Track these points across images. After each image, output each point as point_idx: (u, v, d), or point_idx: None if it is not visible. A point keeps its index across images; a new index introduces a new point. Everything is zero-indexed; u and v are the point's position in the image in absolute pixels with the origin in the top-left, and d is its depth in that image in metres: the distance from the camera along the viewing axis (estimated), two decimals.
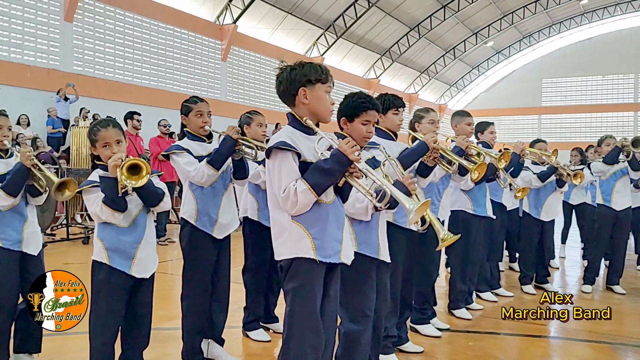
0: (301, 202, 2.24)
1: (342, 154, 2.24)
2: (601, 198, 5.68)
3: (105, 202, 2.59)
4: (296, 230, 2.31)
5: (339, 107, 2.84)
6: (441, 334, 4.15)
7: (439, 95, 32.55)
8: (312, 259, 2.29)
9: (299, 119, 2.40)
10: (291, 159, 2.30)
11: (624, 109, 30.04)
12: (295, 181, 2.26)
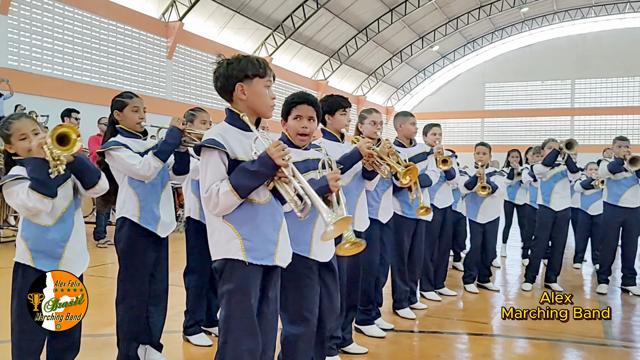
0: (223, 203, 2.16)
1: (269, 158, 2.15)
2: (541, 199, 5.85)
3: (34, 186, 2.38)
4: (226, 230, 2.22)
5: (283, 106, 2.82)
6: (385, 334, 4.14)
7: (387, 97, 32.99)
8: (242, 260, 2.20)
9: (237, 115, 2.30)
10: (217, 158, 2.21)
11: (561, 113, 31.30)
12: (220, 181, 2.18)
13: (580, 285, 6.35)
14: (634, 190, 5.63)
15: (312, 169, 2.83)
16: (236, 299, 2.21)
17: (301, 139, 2.79)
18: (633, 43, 29.29)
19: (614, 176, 5.62)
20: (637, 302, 5.44)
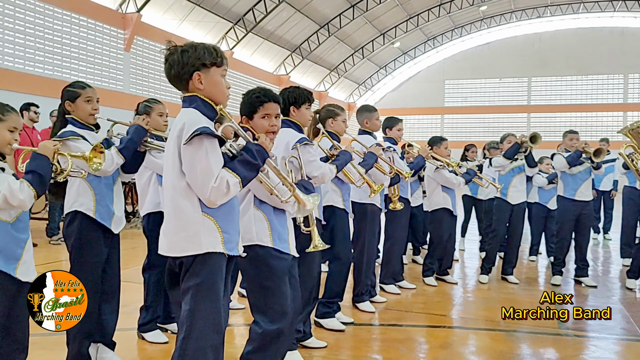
0: (232, 193, 2.15)
1: (264, 150, 2.21)
2: (499, 192, 5.95)
3: (33, 181, 2.33)
4: (207, 224, 2.17)
5: (240, 106, 2.76)
6: (345, 328, 4.14)
7: (348, 93, 33.10)
8: (220, 253, 2.18)
9: (210, 105, 2.24)
10: (218, 147, 2.16)
11: (518, 110, 32.06)
12: (224, 172, 2.14)
13: (535, 277, 6.49)
14: (588, 183, 5.79)
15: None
16: (204, 293, 2.15)
17: (270, 137, 2.75)
18: (586, 43, 30.22)
19: (570, 170, 5.74)
20: (590, 293, 5.59)
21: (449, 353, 3.72)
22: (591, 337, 4.21)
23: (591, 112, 30.50)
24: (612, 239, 9.15)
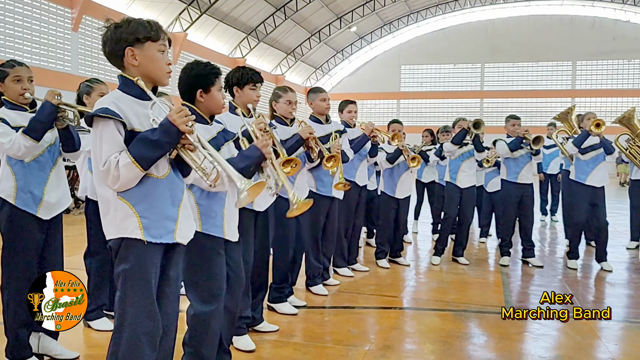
0: (124, 176, 2.00)
1: (171, 125, 2.01)
2: (449, 176, 6.04)
3: None
4: (122, 208, 2.08)
5: (186, 79, 2.65)
6: (297, 312, 4.14)
7: (305, 77, 32.97)
8: (139, 239, 2.07)
9: (131, 81, 2.14)
10: (114, 128, 2.04)
11: (471, 95, 32.67)
12: (118, 153, 2.02)
13: (485, 258, 6.65)
14: (529, 166, 5.95)
15: (222, 143, 2.74)
16: (133, 279, 2.08)
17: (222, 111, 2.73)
18: (537, 30, 30.97)
19: (512, 154, 5.88)
20: (536, 272, 5.77)
21: (399, 334, 3.77)
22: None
23: (541, 98, 31.37)
24: (558, 221, 9.45)
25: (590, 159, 5.76)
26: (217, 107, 2.65)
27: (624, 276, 5.75)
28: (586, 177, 5.76)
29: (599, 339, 3.70)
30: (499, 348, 3.62)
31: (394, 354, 3.38)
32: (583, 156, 5.77)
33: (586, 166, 5.78)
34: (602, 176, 5.78)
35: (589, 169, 5.76)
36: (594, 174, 5.75)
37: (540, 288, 5.24)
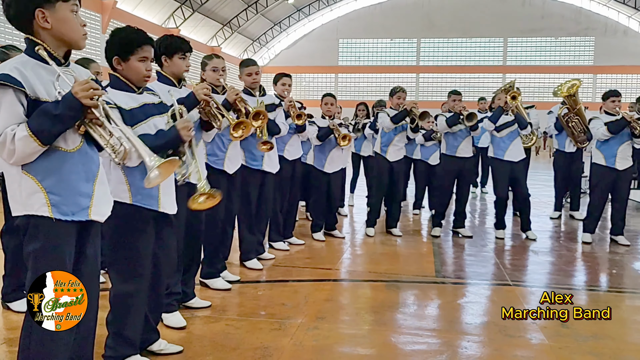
0: (20, 150, 1.86)
1: (74, 98, 1.89)
2: (379, 148, 6.09)
3: None
4: (27, 183, 1.94)
5: (108, 46, 2.52)
6: (231, 287, 4.08)
7: (242, 50, 32.34)
8: (47, 217, 1.95)
9: (35, 43, 1.98)
10: (13, 97, 1.88)
11: (408, 70, 33.11)
12: (17, 125, 1.88)
13: (419, 230, 6.80)
14: (467, 141, 6.09)
15: (154, 114, 2.62)
16: (45, 259, 1.97)
17: (145, 82, 2.58)
18: (471, 6, 31.60)
19: (451, 129, 6.00)
20: (466, 242, 5.95)
21: (332, 305, 3.80)
22: (466, 283, 4.50)
23: (474, 74, 32.21)
24: (488, 192, 9.78)
25: (505, 136, 5.98)
26: (137, 78, 2.52)
27: (547, 244, 6.03)
28: (504, 152, 5.99)
29: (522, 305, 3.86)
30: (429, 316, 3.72)
31: (326, 325, 3.40)
32: (498, 133, 5.98)
33: (502, 142, 6.00)
34: (518, 151, 6.02)
35: (506, 145, 5.98)
36: (511, 149, 5.97)
37: (469, 257, 5.43)
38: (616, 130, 5.59)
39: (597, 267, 5.17)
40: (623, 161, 5.69)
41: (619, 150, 5.67)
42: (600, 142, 5.79)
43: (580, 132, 6.98)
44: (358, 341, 3.19)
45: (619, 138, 5.64)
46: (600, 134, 5.69)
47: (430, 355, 3.02)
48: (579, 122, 6.90)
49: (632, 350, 3.13)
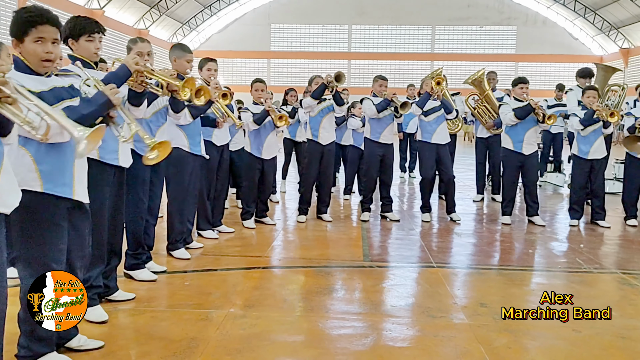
0: None
1: None
2: (310, 133, 6.11)
3: None
4: None
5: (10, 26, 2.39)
6: (157, 277, 3.99)
7: (171, 33, 31.39)
8: None
9: None
10: None
11: (339, 57, 33.26)
12: None
13: (349, 215, 6.89)
14: (391, 127, 6.22)
15: (65, 97, 2.51)
16: None
17: (45, 65, 2.42)
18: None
19: (378, 115, 6.09)
20: (393, 226, 6.10)
21: (260, 293, 3.79)
22: (391, 267, 4.61)
23: (404, 60, 32.81)
24: (416, 177, 10.05)
25: (433, 120, 6.19)
26: (33, 61, 2.39)
27: (471, 226, 6.28)
28: (431, 135, 6.20)
29: (445, 286, 4.01)
30: (357, 299, 3.79)
31: (255, 313, 3.39)
32: (426, 118, 6.17)
33: (429, 126, 6.21)
34: (444, 134, 6.26)
35: (432, 129, 6.20)
36: (438, 133, 6.21)
37: (396, 241, 5.57)
38: (522, 116, 5.92)
39: (515, 248, 5.44)
40: (529, 146, 6.05)
41: (525, 136, 6.00)
42: (508, 127, 6.11)
43: (490, 118, 7.33)
44: (286, 328, 3.21)
45: (526, 124, 5.96)
46: (507, 119, 6.02)
47: (355, 338, 3.08)
48: (486, 109, 7.22)
49: (544, 326, 3.32)
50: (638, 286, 4.08)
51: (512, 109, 5.95)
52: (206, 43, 33.27)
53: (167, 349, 2.85)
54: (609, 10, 28.71)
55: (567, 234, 5.89)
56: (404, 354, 2.90)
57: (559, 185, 9.40)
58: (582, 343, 3.04)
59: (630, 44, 29.85)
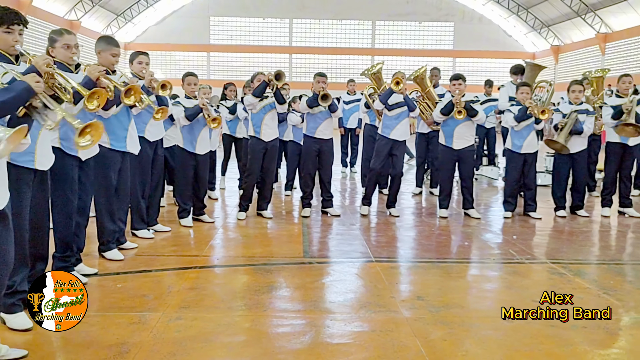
0: None
1: None
2: (252, 130, 6.02)
3: None
4: None
5: None
6: (87, 281, 3.82)
7: (106, 24, 30.26)
8: None
9: None
10: None
11: (281, 50, 33.06)
12: None
13: (290, 211, 6.85)
14: (328, 123, 6.22)
15: None
16: None
17: None
18: None
19: (312, 110, 6.10)
20: (334, 221, 6.10)
21: (197, 293, 3.69)
22: (331, 262, 4.61)
23: (345, 55, 33.01)
24: (357, 172, 10.12)
25: (394, 115, 6.22)
26: None
27: (410, 220, 6.37)
28: (390, 131, 6.25)
29: (384, 281, 4.04)
30: (296, 297, 3.76)
31: (190, 314, 3.30)
32: (389, 112, 6.21)
33: (389, 121, 6.25)
34: (404, 131, 6.32)
35: (393, 125, 6.24)
36: (398, 129, 6.26)
37: (336, 236, 5.58)
38: (445, 112, 6.08)
39: (452, 240, 5.55)
40: (460, 141, 6.20)
41: (455, 131, 6.17)
42: (443, 123, 6.27)
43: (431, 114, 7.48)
44: (223, 329, 3.14)
45: (454, 119, 6.10)
46: (435, 116, 6.23)
47: (294, 336, 3.05)
48: (427, 105, 7.38)
49: (478, 317, 3.40)
50: (566, 275, 4.25)
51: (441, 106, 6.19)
52: (142, 35, 32.32)
53: (96, 355, 2.72)
54: (541, 8, 29.88)
55: (502, 226, 6.08)
56: (341, 350, 2.89)
57: (493, 178, 9.70)
58: (513, 332, 3.13)
59: (560, 41, 31.21)
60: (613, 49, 26.79)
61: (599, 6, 26.05)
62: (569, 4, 27.03)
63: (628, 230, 6.01)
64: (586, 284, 4.04)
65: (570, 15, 28.18)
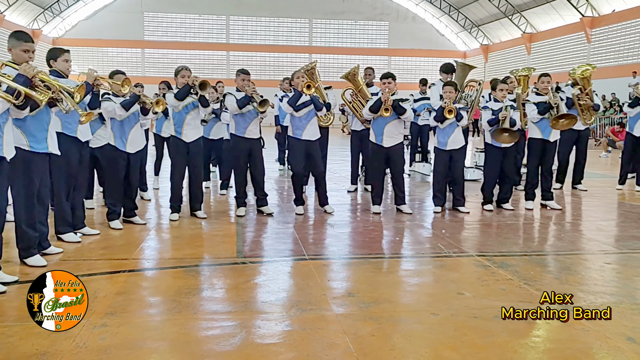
0: None
1: None
2: (174, 130, 5.93)
3: None
4: None
5: None
6: (6, 289, 3.65)
7: (32, 18, 28.92)
8: None
9: None
10: None
11: (218, 47, 32.67)
12: None
13: (225, 210, 6.77)
14: (256, 122, 6.24)
15: None
16: None
17: None
18: None
19: (241, 110, 6.10)
20: (269, 220, 6.09)
21: (125, 298, 3.59)
22: (264, 262, 4.60)
23: (282, 53, 32.97)
24: None
25: (303, 115, 6.26)
26: None
27: (344, 217, 6.45)
28: (302, 132, 6.28)
29: (316, 278, 4.07)
30: (227, 298, 3.72)
31: (116, 320, 3.21)
32: (297, 113, 6.23)
33: (299, 122, 6.28)
34: (314, 131, 6.35)
35: (303, 125, 6.28)
36: (308, 129, 6.30)
37: (270, 235, 5.57)
38: (374, 109, 6.21)
39: (384, 236, 5.66)
40: (389, 139, 6.33)
41: (385, 129, 6.30)
42: (372, 121, 6.39)
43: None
44: (150, 334, 3.07)
45: (384, 117, 6.22)
46: (364, 113, 6.38)
47: (223, 339, 3.02)
48: (360, 103, 7.50)
49: (405, 311, 3.49)
50: (491, 267, 4.42)
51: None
52: (72, 30, 31.13)
53: None
54: (470, 9, 30.90)
55: (432, 221, 6.26)
56: (271, 350, 2.89)
57: (426, 174, 9.97)
58: (438, 325, 3.23)
59: (489, 40, 32.38)
60: (538, 48, 28.09)
61: (524, 7, 27.23)
62: (496, 5, 28.09)
63: (549, 222, 6.32)
64: (509, 275, 4.22)
65: (498, 15, 29.31)
